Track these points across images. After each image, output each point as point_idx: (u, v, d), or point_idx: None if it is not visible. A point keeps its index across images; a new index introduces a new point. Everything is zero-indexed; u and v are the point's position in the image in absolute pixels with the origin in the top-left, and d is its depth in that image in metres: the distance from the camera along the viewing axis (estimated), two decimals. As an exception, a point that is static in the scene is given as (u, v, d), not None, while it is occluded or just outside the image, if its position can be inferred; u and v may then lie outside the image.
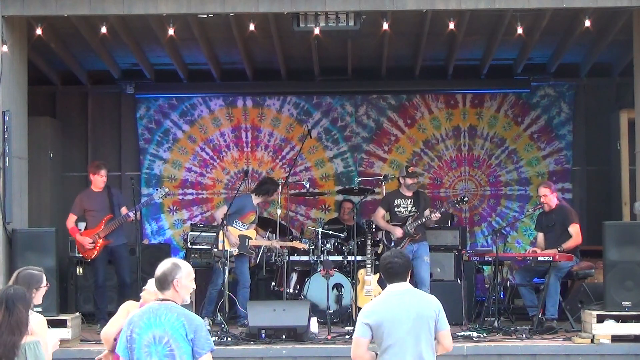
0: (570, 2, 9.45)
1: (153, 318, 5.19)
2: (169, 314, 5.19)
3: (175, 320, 5.17)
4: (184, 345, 5.15)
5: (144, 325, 5.20)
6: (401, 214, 10.75)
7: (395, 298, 5.55)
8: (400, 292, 5.56)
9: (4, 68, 9.24)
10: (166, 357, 5.15)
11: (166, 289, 5.27)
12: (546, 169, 13.20)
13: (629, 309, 9.23)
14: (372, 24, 9.99)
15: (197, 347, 5.16)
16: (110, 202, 10.49)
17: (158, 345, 5.16)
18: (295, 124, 13.30)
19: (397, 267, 5.56)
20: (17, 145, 9.52)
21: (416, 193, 10.86)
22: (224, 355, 8.99)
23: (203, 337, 5.18)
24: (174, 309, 5.22)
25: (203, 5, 9.42)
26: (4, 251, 9.20)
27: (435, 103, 13.34)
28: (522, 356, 9.06)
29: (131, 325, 5.24)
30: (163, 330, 5.16)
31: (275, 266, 11.23)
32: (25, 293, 5.69)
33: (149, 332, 5.18)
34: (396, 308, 5.50)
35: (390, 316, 5.47)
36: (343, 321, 10.63)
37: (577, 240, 10.26)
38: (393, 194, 10.97)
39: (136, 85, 12.93)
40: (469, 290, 11.12)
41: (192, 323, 5.18)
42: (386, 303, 5.56)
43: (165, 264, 5.32)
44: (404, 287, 5.58)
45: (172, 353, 5.14)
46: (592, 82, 13.14)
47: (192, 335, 5.16)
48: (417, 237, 10.58)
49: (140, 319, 5.23)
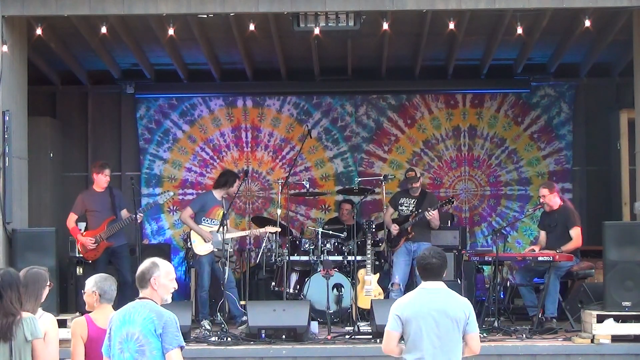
0: (570, 2, 9.45)
1: (127, 316, 5.23)
2: (142, 311, 5.21)
3: (146, 316, 5.19)
4: (153, 341, 5.16)
5: (119, 323, 5.25)
6: (403, 212, 10.83)
7: (427, 295, 5.63)
8: (433, 290, 5.65)
9: (4, 68, 9.24)
10: (137, 353, 5.16)
11: (144, 287, 5.31)
12: (546, 169, 13.20)
13: (629, 309, 9.22)
14: (372, 24, 9.99)
15: (165, 343, 5.15)
16: (112, 203, 10.49)
17: (130, 342, 5.18)
18: (295, 124, 13.30)
19: (434, 265, 5.66)
20: (17, 145, 9.52)
21: (422, 193, 10.92)
22: (224, 355, 9.00)
23: (172, 332, 5.17)
24: (148, 305, 5.24)
25: (203, 5, 9.42)
26: (4, 251, 9.20)
27: (435, 103, 13.34)
28: (522, 356, 9.05)
29: (111, 323, 5.31)
30: (135, 326, 5.18)
31: (275, 266, 11.22)
32: (14, 276, 5.75)
33: (123, 329, 5.22)
34: (426, 305, 5.57)
35: (420, 312, 5.55)
36: (343, 321, 10.63)
37: (577, 243, 10.25)
38: (401, 193, 11.12)
39: (136, 85, 12.93)
40: (469, 290, 11.11)
41: (161, 318, 5.18)
42: (417, 299, 5.64)
43: (144, 263, 5.36)
44: (438, 285, 5.67)
45: (142, 349, 5.16)
46: (592, 82, 13.13)
47: (160, 331, 5.16)
48: (411, 235, 10.59)
49: (117, 317, 5.29)
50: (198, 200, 11.01)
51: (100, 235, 10.38)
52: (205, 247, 10.58)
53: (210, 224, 10.66)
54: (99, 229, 10.42)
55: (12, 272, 5.85)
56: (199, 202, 10.89)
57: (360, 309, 10.62)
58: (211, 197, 10.85)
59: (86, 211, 10.60)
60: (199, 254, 10.55)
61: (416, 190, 10.86)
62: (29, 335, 5.63)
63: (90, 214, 10.60)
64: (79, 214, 10.62)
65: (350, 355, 9.10)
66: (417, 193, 10.88)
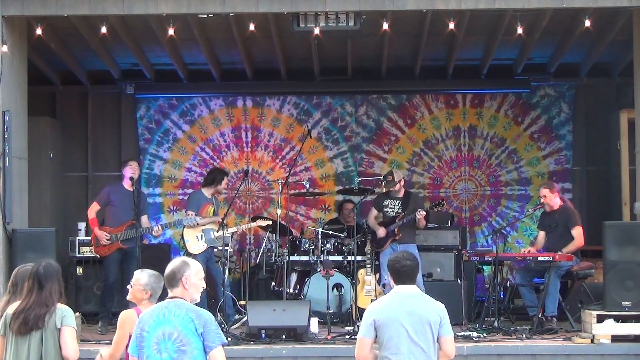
0: (570, 2, 9.45)
1: (162, 315, 5.24)
2: (178, 311, 5.23)
3: (184, 316, 5.21)
4: (194, 340, 5.19)
5: (153, 323, 5.24)
6: (388, 214, 10.78)
7: (400, 299, 5.59)
8: (406, 294, 5.60)
9: (4, 68, 9.24)
10: (176, 353, 5.18)
11: (175, 286, 5.33)
12: (546, 169, 13.20)
13: (629, 309, 9.22)
14: (372, 24, 9.99)
15: (207, 341, 5.20)
16: (136, 205, 10.40)
17: (168, 342, 5.20)
18: (295, 124, 13.30)
19: (408, 269, 5.62)
20: (17, 145, 9.52)
21: (407, 194, 10.88)
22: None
23: (213, 330, 5.22)
24: (183, 305, 5.27)
25: (203, 5, 9.42)
26: (4, 251, 9.20)
27: (435, 103, 13.33)
28: (522, 356, 9.05)
29: (141, 323, 5.30)
30: (172, 326, 5.20)
31: (275, 266, 11.23)
32: (55, 268, 6.03)
33: (159, 329, 5.22)
34: (399, 309, 5.53)
35: (393, 316, 5.51)
36: (343, 321, 10.64)
37: (579, 242, 10.25)
38: (384, 195, 10.99)
39: (136, 85, 12.93)
40: (469, 290, 11.11)
41: (201, 318, 5.22)
42: (390, 303, 5.60)
43: (174, 262, 5.39)
44: (411, 289, 5.62)
45: (183, 348, 5.18)
46: (592, 82, 13.13)
47: (201, 330, 5.20)
48: (398, 237, 10.58)
49: (149, 317, 5.28)
50: (192, 201, 10.93)
51: (117, 236, 10.36)
52: (199, 245, 10.58)
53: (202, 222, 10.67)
54: (117, 229, 10.40)
55: (53, 264, 6.09)
56: (194, 202, 10.86)
57: (360, 309, 10.61)
58: (201, 195, 10.85)
59: (108, 203, 10.58)
60: (194, 253, 10.53)
61: (399, 191, 10.84)
62: (59, 323, 5.87)
63: (110, 209, 10.56)
64: (102, 205, 10.61)
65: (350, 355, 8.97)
66: (401, 194, 10.85)
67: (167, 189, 13.30)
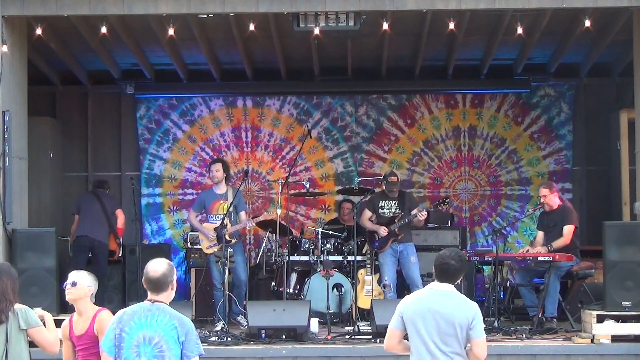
0: (570, 2, 9.44)
1: (144, 318, 5.19)
2: (161, 316, 5.18)
3: (168, 322, 5.17)
4: (174, 348, 5.15)
5: (135, 325, 5.19)
6: (385, 215, 10.74)
7: (430, 296, 5.54)
8: (440, 292, 5.53)
9: (4, 68, 9.24)
10: (155, 358, 5.14)
11: (164, 290, 5.27)
12: (546, 169, 13.20)
13: (629, 309, 9.22)
14: (372, 24, 9.99)
15: (186, 350, 5.17)
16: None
17: (147, 346, 5.15)
18: (295, 124, 13.31)
19: (450, 268, 5.52)
20: (17, 145, 9.52)
21: (401, 194, 10.87)
22: (224, 355, 8.99)
23: (193, 340, 5.19)
24: (166, 310, 5.22)
25: (203, 5, 9.41)
26: (4, 251, 9.19)
27: (435, 103, 13.34)
28: (522, 356, 9.04)
29: (121, 323, 5.22)
30: (154, 331, 5.15)
31: (275, 266, 11.23)
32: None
33: (139, 332, 5.17)
34: (429, 305, 5.47)
35: (421, 312, 5.46)
36: (343, 321, 10.63)
37: (565, 240, 10.14)
38: (378, 195, 10.95)
39: (136, 85, 12.93)
40: (469, 290, 11.10)
41: (184, 326, 5.19)
42: (423, 299, 5.55)
43: (161, 265, 5.28)
44: (445, 287, 5.54)
45: (162, 354, 5.14)
46: (592, 82, 13.14)
47: (183, 338, 5.16)
48: (400, 237, 10.57)
49: (130, 318, 5.21)
50: (197, 201, 10.99)
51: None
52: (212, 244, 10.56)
53: (215, 220, 10.61)
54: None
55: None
56: (198, 202, 10.88)
57: (360, 309, 10.62)
58: (206, 194, 10.82)
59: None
60: (207, 253, 10.53)
61: (395, 192, 10.83)
62: (23, 324, 5.84)
63: None
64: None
65: (350, 355, 9.09)
66: (396, 194, 10.84)
67: (167, 189, 13.30)
